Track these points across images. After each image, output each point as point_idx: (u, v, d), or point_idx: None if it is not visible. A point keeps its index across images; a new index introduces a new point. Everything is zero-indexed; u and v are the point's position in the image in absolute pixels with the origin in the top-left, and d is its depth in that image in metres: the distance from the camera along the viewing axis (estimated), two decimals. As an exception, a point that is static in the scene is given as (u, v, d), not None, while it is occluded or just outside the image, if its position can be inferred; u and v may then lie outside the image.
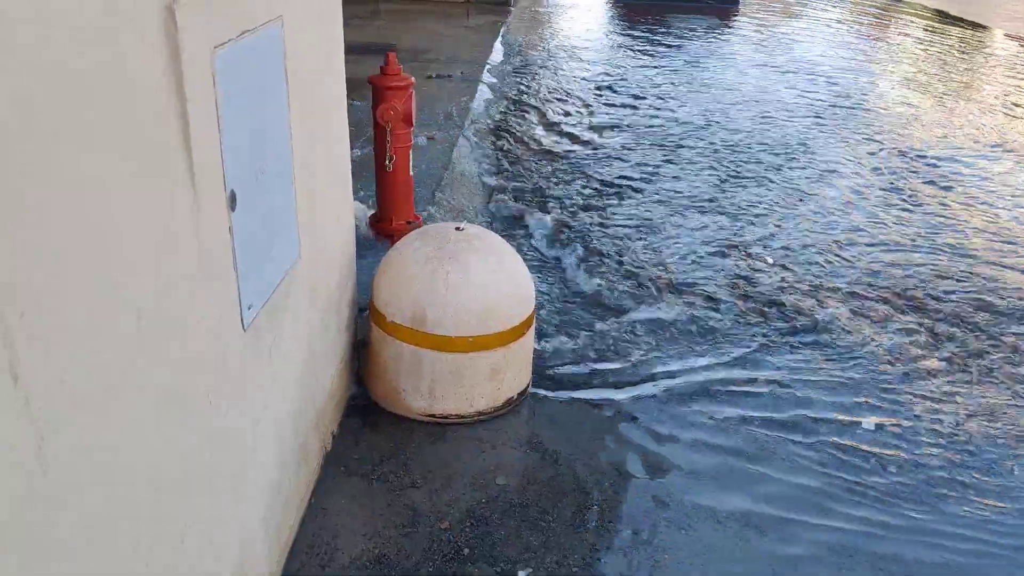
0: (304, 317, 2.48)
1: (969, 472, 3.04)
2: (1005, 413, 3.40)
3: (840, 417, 3.31)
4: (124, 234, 1.38)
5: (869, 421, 3.29)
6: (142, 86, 1.43)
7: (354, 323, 3.22)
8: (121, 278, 1.38)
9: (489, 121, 6.69)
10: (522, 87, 7.95)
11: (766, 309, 4.12)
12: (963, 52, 10.65)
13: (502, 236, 4.54)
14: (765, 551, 2.59)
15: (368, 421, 3.09)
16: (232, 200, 1.82)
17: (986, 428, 3.30)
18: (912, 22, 12.83)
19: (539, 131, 6.64)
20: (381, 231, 4.11)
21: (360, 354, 3.26)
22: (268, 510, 2.21)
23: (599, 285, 4.25)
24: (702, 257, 4.63)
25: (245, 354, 1.97)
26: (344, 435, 3.00)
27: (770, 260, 4.64)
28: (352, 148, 4.91)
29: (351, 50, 5.70)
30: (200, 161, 1.63)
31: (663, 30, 11.13)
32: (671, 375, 3.54)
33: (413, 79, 3.89)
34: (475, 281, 2.96)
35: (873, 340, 3.88)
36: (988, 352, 3.83)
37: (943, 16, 13.35)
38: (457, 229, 3.10)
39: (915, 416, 3.35)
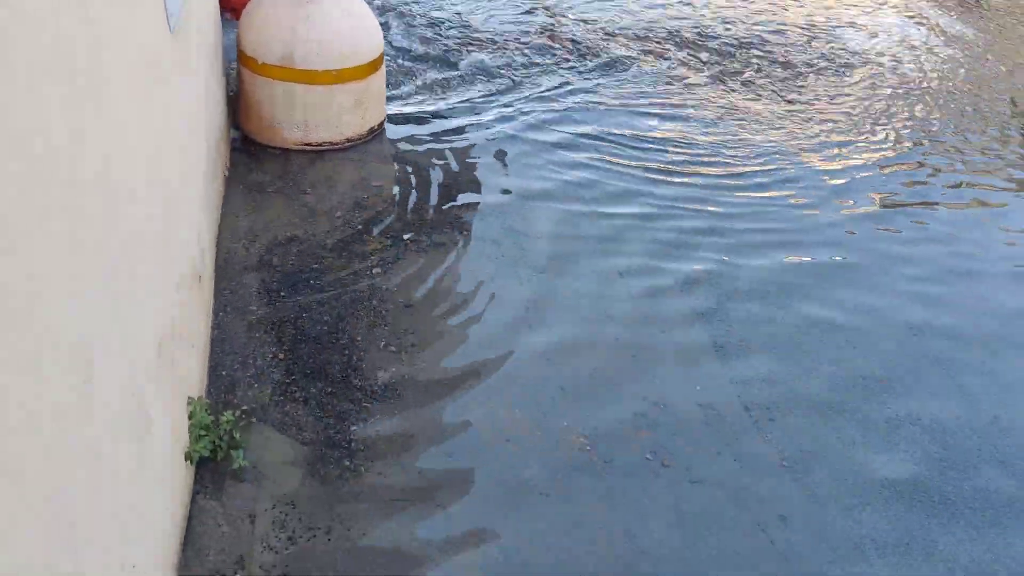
0: (203, 47, 2.94)
1: (724, 149, 4.06)
2: (749, 108, 4.45)
3: (635, 123, 4.21)
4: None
5: (655, 121, 4.22)
6: None
7: (226, 75, 3.66)
8: None
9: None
10: None
11: (570, 50, 4.90)
12: None
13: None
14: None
15: (253, 155, 3.63)
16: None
17: (737, 117, 4.34)
18: None
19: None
20: (227, 4, 4.42)
21: (234, 104, 3.73)
22: (205, 194, 2.78)
23: (426, 45, 4.82)
24: (515, 17, 5.28)
25: (173, 54, 2.46)
26: (235, 165, 3.54)
27: (571, 16, 5.37)
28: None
29: None
30: None
31: None
32: (504, 105, 4.28)
33: None
34: (334, 21, 3.48)
35: (656, 67, 4.78)
36: (741, 72, 4.85)
37: None
38: (310, -21, 3.55)
39: (689, 115, 4.31)
